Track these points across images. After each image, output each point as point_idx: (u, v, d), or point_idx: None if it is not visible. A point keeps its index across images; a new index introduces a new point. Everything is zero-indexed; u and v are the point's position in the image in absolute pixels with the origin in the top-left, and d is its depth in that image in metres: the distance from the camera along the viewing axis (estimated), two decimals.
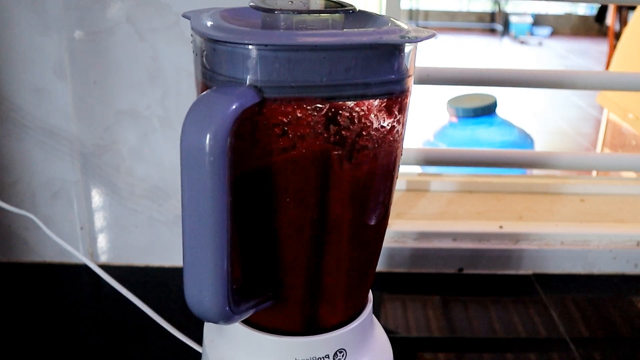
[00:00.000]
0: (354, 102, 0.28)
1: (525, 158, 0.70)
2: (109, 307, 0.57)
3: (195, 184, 0.27)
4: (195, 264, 0.28)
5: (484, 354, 0.53)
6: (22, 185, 0.59)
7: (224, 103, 0.26)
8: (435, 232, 0.65)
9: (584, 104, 3.58)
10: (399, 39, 0.28)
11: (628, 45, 1.60)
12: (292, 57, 0.27)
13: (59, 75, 0.55)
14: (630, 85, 0.64)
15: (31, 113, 0.56)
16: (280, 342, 0.34)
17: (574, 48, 5.60)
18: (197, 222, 0.28)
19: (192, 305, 0.30)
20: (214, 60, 0.28)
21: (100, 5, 0.53)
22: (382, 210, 0.33)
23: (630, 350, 0.54)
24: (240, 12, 0.33)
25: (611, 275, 0.66)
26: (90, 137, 0.57)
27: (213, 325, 0.37)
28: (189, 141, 0.26)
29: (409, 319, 0.57)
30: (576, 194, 0.75)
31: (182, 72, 0.55)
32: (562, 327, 0.56)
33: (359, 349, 0.36)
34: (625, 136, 1.55)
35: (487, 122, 1.97)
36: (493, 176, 0.78)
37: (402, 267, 0.64)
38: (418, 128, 2.26)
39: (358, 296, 0.36)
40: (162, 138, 0.57)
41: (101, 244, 0.62)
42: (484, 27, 6.48)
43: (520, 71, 0.63)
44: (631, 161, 0.71)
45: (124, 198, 0.60)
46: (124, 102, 0.56)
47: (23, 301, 0.58)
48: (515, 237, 0.65)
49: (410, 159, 0.66)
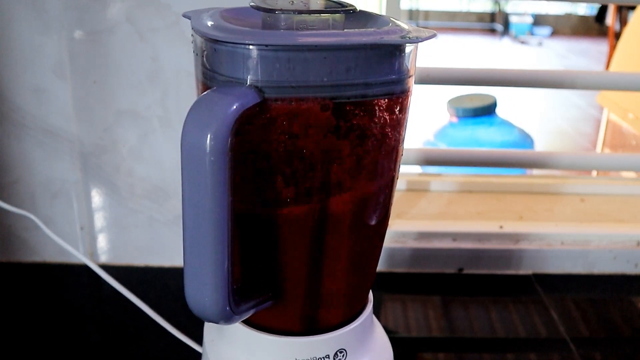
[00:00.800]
0: (354, 103, 0.28)
1: (525, 158, 0.70)
2: (109, 307, 0.57)
3: (196, 184, 0.27)
4: (196, 264, 0.28)
5: (484, 354, 0.53)
6: (22, 185, 0.59)
7: (225, 103, 0.26)
8: (435, 232, 0.65)
9: (584, 104, 3.58)
10: (400, 39, 0.28)
11: (628, 45, 1.60)
12: (292, 57, 0.27)
13: (59, 75, 0.55)
14: (630, 85, 0.64)
15: (31, 113, 0.56)
16: (280, 342, 0.34)
17: (574, 48, 5.60)
18: (197, 222, 0.28)
19: (192, 305, 0.29)
20: (215, 60, 0.28)
21: (100, 5, 0.53)
22: (382, 210, 0.33)
23: (631, 350, 0.54)
24: (240, 12, 0.33)
25: (611, 275, 0.66)
26: (90, 137, 0.57)
27: (213, 325, 0.37)
28: (190, 141, 0.26)
29: (409, 319, 0.57)
30: (576, 194, 0.75)
31: (182, 72, 0.55)
32: (562, 327, 0.56)
33: (359, 349, 0.36)
34: (626, 136, 1.55)
35: (487, 122, 1.97)
36: (493, 176, 0.78)
37: (402, 267, 0.64)
38: (418, 128, 2.26)
39: (358, 296, 0.36)
40: (162, 138, 0.57)
41: (101, 244, 0.62)
42: (484, 27, 6.49)
43: (520, 71, 0.63)
44: (631, 161, 0.71)
45: (124, 198, 0.60)
46: (124, 102, 0.56)
47: (23, 301, 0.58)
48: (516, 237, 0.65)
49: (410, 159, 0.66)
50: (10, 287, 0.60)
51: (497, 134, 1.95)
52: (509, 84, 0.63)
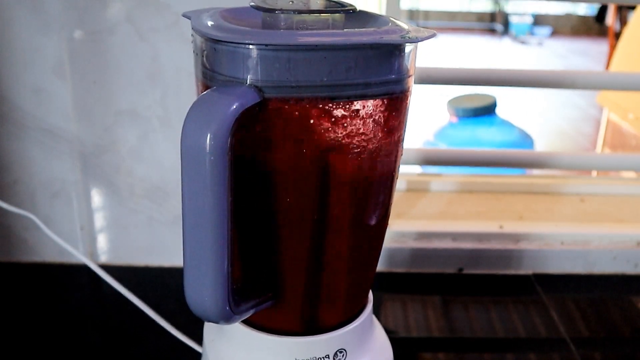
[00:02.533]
0: (354, 102, 0.28)
1: (525, 158, 0.70)
2: (109, 307, 0.57)
3: (196, 184, 0.27)
4: (196, 264, 0.28)
5: (484, 354, 0.53)
6: (22, 185, 0.59)
7: (225, 103, 0.26)
8: (435, 232, 0.65)
9: (584, 104, 3.58)
10: (400, 39, 0.28)
11: (628, 45, 1.60)
12: (292, 57, 0.27)
13: (59, 75, 0.55)
14: (630, 85, 0.64)
15: (31, 113, 0.56)
16: (280, 342, 0.34)
17: (574, 48, 5.61)
18: (197, 222, 0.28)
19: (192, 305, 0.29)
20: (215, 60, 0.28)
21: (100, 5, 0.53)
22: (382, 210, 0.33)
23: (630, 350, 0.54)
24: (240, 12, 0.33)
25: (611, 275, 0.66)
26: (90, 137, 0.57)
27: (213, 325, 0.37)
28: (190, 141, 0.26)
29: (409, 319, 0.57)
30: (576, 194, 0.75)
31: (182, 72, 0.55)
32: (562, 327, 0.56)
33: (359, 349, 0.36)
34: (626, 136, 1.55)
35: (487, 122, 1.97)
36: (493, 176, 0.78)
37: (402, 267, 0.64)
38: (418, 128, 2.26)
39: (358, 296, 0.36)
40: (162, 138, 0.57)
41: (101, 244, 0.62)
42: (484, 27, 6.49)
43: (520, 71, 0.63)
44: (631, 161, 0.71)
45: (123, 198, 0.60)
46: (124, 102, 0.56)
47: (23, 301, 0.58)
48: (516, 237, 0.65)
49: (410, 159, 0.66)
50: (10, 287, 0.60)
51: (497, 134, 1.95)
52: (509, 84, 0.63)
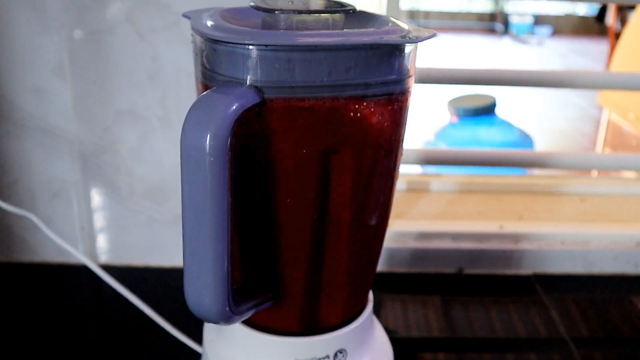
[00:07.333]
0: (354, 102, 0.28)
1: (525, 158, 0.70)
2: (109, 307, 0.57)
3: (195, 184, 0.27)
4: (195, 264, 0.28)
5: (484, 354, 0.53)
6: (22, 185, 0.59)
7: (224, 103, 0.26)
8: (435, 232, 0.65)
9: (584, 104, 3.58)
10: (400, 39, 0.28)
11: (628, 45, 1.60)
12: (292, 58, 0.27)
13: (59, 75, 0.55)
14: (630, 85, 0.64)
15: (31, 113, 0.56)
16: (280, 342, 0.34)
17: (574, 48, 5.60)
18: (197, 222, 0.28)
19: (192, 306, 0.29)
20: (214, 60, 0.28)
21: (100, 5, 0.53)
22: (382, 210, 0.33)
23: (631, 350, 0.54)
24: (240, 12, 0.33)
25: (611, 275, 0.66)
26: (90, 137, 0.57)
27: (213, 325, 0.37)
28: (189, 141, 0.26)
29: (409, 319, 0.57)
30: (576, 194, 0.75)
31: (182, 72, 0.55)
32: (562, 327, 0.56)
33: (359, 349, 0.36)
34: (626, 136, 1.55)
35: (487, 122, 1.97)
36: (493, 176, 0.78)
37: (402, 267, 0.64)
38: (418, 128, 2.26)
39: (358, 296, 0.36)
40: (162, 138, 0.57)
41: (101, 244, 0.62)
42: (484, 27, 6.49)
43: (520, 71, 0.63)
44: (631, 161, 0.70)
45: (123, 198, 0.60)
46: (124, 102, 0.56)
47: (23, 301, 0.58)
48: (516, 237, 0.65)
49: (410, 159, 0.66)
50: (10, 287, 0.60)
51: (497, 134, 1.95)
52: (509, 84, 0.63)
